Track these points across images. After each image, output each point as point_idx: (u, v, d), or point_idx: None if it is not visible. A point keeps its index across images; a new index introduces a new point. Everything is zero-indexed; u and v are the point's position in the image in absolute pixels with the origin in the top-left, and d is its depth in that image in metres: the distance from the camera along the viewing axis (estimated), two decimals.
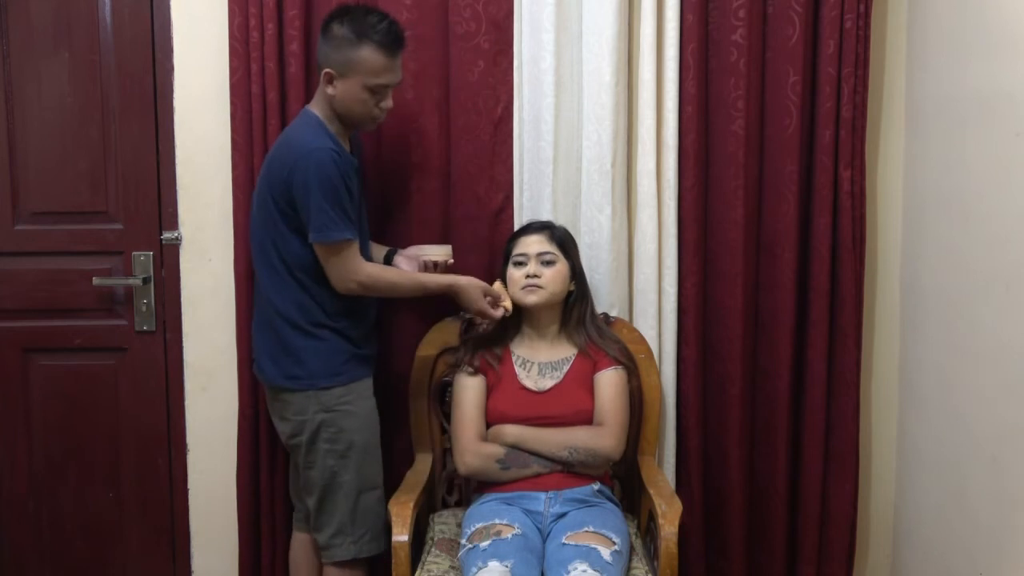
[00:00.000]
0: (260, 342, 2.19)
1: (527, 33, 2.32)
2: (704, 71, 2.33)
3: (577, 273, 2.26)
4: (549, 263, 2.20)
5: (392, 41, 2.06)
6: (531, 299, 2.19)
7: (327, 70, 2.05)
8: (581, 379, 2.21)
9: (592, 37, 2.30)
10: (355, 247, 2.07)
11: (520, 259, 2.21)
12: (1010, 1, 1.93)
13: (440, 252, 2.28)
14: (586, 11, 2.30)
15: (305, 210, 2.01)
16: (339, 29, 2.04)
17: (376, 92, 2.07)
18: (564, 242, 2.24)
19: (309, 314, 2.10)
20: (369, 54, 2.03)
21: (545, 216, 2.32)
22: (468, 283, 2.17)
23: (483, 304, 2.17)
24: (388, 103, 2.11)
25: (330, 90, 2.06)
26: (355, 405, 2.14)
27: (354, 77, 2.04)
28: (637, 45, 2.34)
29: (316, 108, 2.12)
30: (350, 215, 2.05)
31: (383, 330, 2.36)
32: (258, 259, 2.14)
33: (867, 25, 2.29)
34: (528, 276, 2.19)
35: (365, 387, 2.18)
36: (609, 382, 2.20)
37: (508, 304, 2.20)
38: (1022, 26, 1.88)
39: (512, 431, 2.15)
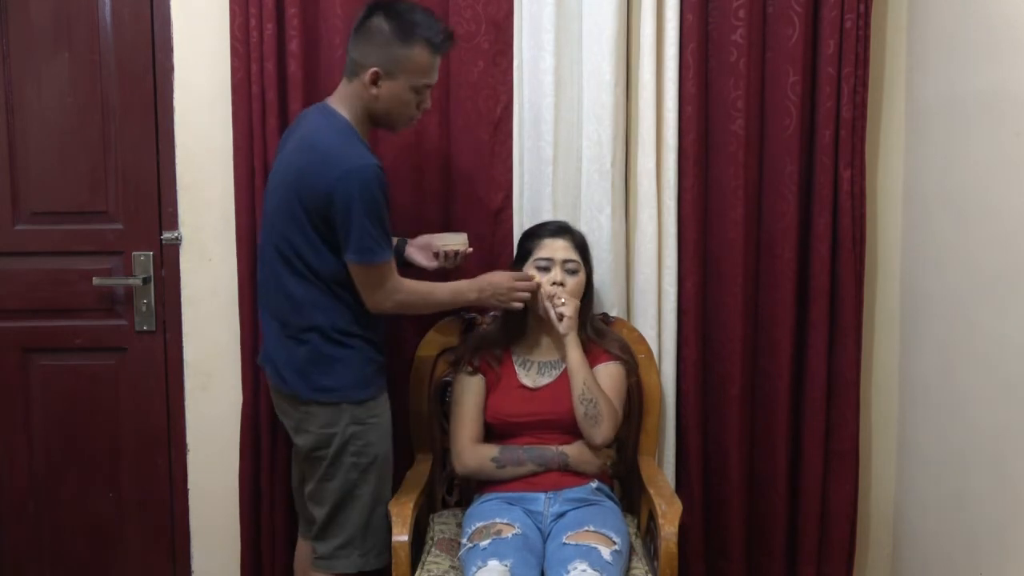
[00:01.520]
0: (283, 355, 2.05)
1: (527, 33, 2.32)
2: (704, 71, 2.33)
3: (590, 279, 2.26)
4: (573, 272, 2.20)
5: (443, 40, 1.99)
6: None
7: (374, 69, 1.95)
8: None
9: (592, 37, 2.30)
10: (394, 265, 2.01)
11: (544, 264, 2.19)
12: (1010, 1, 1.93)
13: (458, 240, 2.22)
14: (586, 11, 2.30)
15: (345, 230, 1.91)
16: (385, 26, 1.95)
17: (419, 92, 2.01)
18: (583, 248, 2.24)
19: (342, 324, 2.01)
20: (419, 53, 1.96)
21: (545, 216, 2.32)
22: (494, 274, 2.15)
23: (517, 291, 2.13)
24: (427, 103, 2.05)
25: (374, 90, 1.96)
26: (381, 417, 2.09)
27: (401, 77, 1.96)
28: (637, 45, 2.34)
29: (342, 108, 2.00)
30: (388, 233, 1.98)
31: None
32: (282, 269, 2.01)
33: (867, 25, 2.30)
34: (553, 283, 2.17)
35: (386, 397, 2.13)
36: (607, 373, 2.19)
37: (537, 278, 2.18)
38: (1022, 26, 1.88)
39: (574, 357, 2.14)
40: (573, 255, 2.21)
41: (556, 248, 2.20)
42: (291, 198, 1.96)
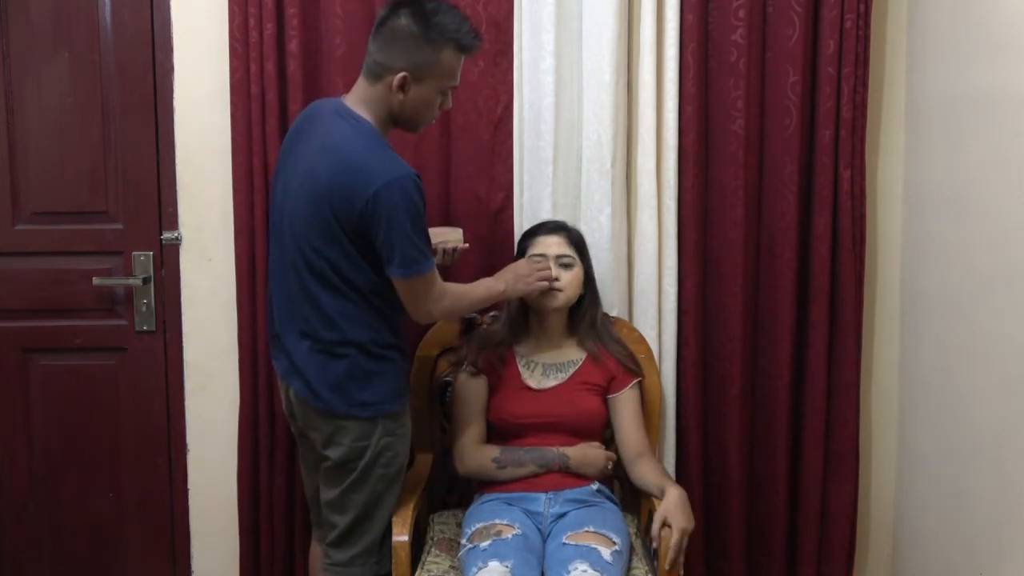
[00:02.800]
0: (314, 370, 1.96)
1: (527, 33, 2.32)
2: (704, 71, 2.33)
3: (589, 276, 2.26)
4: (567, 266, 2.19)
5: (473, 41, 1.93)
6: (553, 303, 2.18)
7: (403, 74, 1.87)
8: (588, 383, 2.21)
9: (592, 37, 2.29)
10: (437, 271, 1.95)
11: (538, 259, 2.19)
12: (1010, 1, 1.93)
13: (454, 236, 2.20)
14: (586, 11, 2.30)
15: (388, 244, 1.84)
16: (413, 28, 1.87)
17: (444, 94, 1.96)
18: (580, 245, 2.24)
19: (382, 337, 1.96)
20: (449, 56, 1.90)
21: (545, 216, 2.32)
22: (512, 265, 2.15)
23: (539, 270, 2.13)
24: (449, 104, 2.00)
25: (401, 95, 1.89)
26: (407, 427, 2.05)
27: (430, 80, 1.90)
28: (637, 45, 2.34)
29: (365, 111, 1.92)
30: (429, 240, 1.93)
31: None
32: (313, 284, 1.92)
33: (867, 25, 2.30)
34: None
35: (409, 407, 2.10)
36: (632, 401, 2.22)
37: (560, 282, 2.18)
38: (1022, 26, 1.88)
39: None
40: (567, 250, 2.20)
41: (550, 244, 2.21)
42: (324, 212, 1.87)
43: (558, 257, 2.19)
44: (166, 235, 2.48)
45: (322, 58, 2.35)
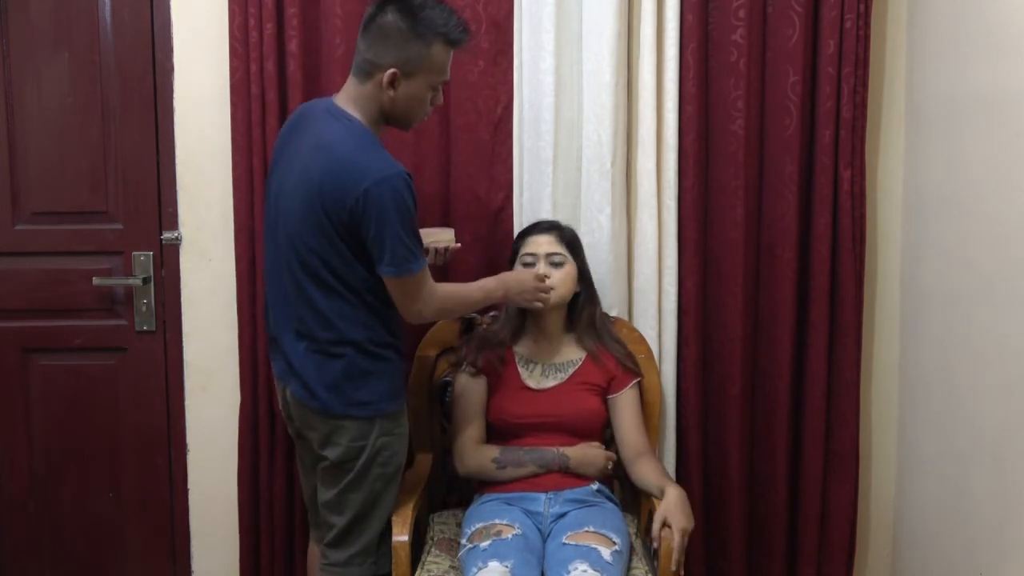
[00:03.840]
0: (312, 370, 1.95)
1: (527, 33, 2.32)
2: (704, 71, 2.33)
3: (584, 275, 2.25)
4: (558, 264, 2.19)
5: (461, 34, 1.91)
6: (555, 291, 2.17)
7: (393, 70, 1.86)
8: (588, 383, 2.21)
9: (592, 37, 2.30)
10: (428, 271, 1.94)
11: (529, 259, 2.20)
12: (1010, 1, 1.93)
13: (446, 236, 2.20)
14: (586, 11, 2.30)
15: (378, 242, 1.84)
16: (401, 24, 1.86)
17: (435, 89, 1.95)
18: (572, 243, 2.24)
19: (378, 336, 1.95)
20: (439, 51, 1.89)
21: (545, 216, 2.32)
22: (517, 273, 2.15)
23: (540, 290, 2.12)
24: (440, 99, 1.99)
25: (391, 92, 1.89)
26: (404, 427, 2.04)
27: (420, 76, 1.89)
28: (637, 45, 2.34)
29: (355, 110, 1.92)
30: (420, 240, 1.92)
31: None
32: (309, 284, 1.91)
33: (867, 25, 2.30)
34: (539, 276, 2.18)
35: (406, 406, 2.10)
36: (632, 400, 2.22)
37: (551, 280, 2.17)
38: (1022, 26, 1.88)
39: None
40: (558, 248, 2.20)
41: (540, 243, 2.21)
42: (316, 211, 1.86)
43: (548, 255, 2.19)
44: (166, 235, 2.48)
45: (322, 58, 2.35)
